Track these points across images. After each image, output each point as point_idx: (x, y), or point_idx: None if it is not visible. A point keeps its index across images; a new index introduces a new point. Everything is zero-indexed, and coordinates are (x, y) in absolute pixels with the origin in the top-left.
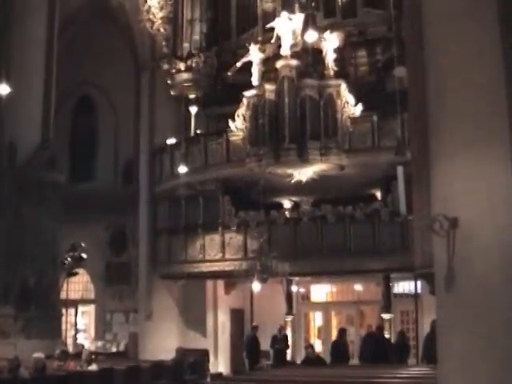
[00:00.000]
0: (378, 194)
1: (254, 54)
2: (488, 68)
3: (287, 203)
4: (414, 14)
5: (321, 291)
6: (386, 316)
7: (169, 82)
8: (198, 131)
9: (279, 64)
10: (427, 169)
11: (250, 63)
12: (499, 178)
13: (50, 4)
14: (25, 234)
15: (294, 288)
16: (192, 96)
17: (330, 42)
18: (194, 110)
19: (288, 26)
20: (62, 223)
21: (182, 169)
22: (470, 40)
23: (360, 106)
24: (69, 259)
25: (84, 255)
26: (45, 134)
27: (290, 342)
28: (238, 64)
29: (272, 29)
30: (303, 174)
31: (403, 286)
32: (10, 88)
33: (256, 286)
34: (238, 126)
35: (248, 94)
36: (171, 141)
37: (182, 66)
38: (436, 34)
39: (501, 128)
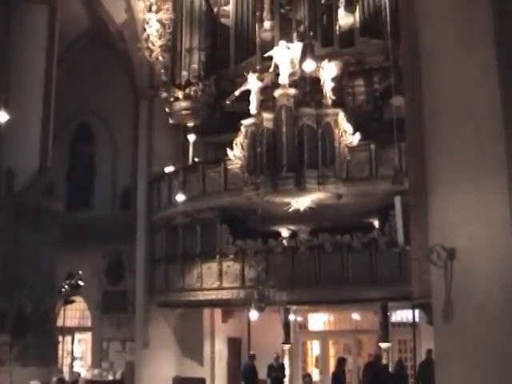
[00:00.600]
0: (376, 223)
1: (252, 83)
2: (485, 98)
3: (285, 232)
4: (412, 43)
5: (318, 320)
6: (383, 345)
7: (167, 110)
8: (196, 159)
9: (277, 93)
10: (425, 198)
11: (248, 92)
12: (497, 208)
13: (49, 32)
14: (22, 261)
15: (291, 317)
16: (190, 124)
17: (328, 71)
18: (192, 138)
19: (286, 55)
20: (59, 251)
21: (180, 197)
22: (467, 70)
23: (358, 135)
24: (66, 287)
25: (81, 283)
26: (43, 161)
27: (287, 371)
28: (236, 93)
29: (270, 58)
30: (301, 202)
31: (401, 315)
32: (8, 115)
33: (253, 315)
34: (235, 154)
35: (246, 122)
36: (169, 169)
37: (180, 94)
38: (433, 63)
39: (499, 158)
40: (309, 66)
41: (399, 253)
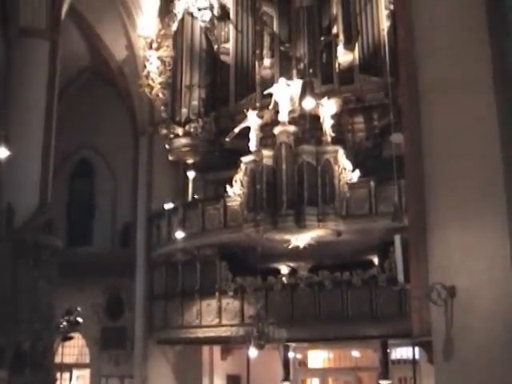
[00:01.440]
0: (376, 260)
1: (252, 120)
2: (484, 137)
3: (284, 269)
4: (411, 81)
5: (318, 357)
6: (384, 383)
7: (167, 146)
8: (196, 196)
9: (277, 130)
10: (424, 236)
11: (247, 129)
12: (497, 246)
13: (50, 67)
14: (20, 297)
15: (290, 354)
16: (190, 161)
17: (328, 109)
18: (191, 175)
19: (286, 93)
20: (58, 287)
21: (180, 234)
22: (466, 109)
23: (357, 172)
24: (64, 323)
25: (80, 319)
26: (43, 197)
27: None
28: (236, 130)
29: (270, 95)
30: (301, 239)
31: (401, 353)
32: (8, 151)
33: (253, 352)
34: (235, 191)
35: (246, 159)
36: (169, 206)
37: (180, 131)
38: (432, 101)
39: (498, 196)
40: (308, 103)
41: (399, 290)
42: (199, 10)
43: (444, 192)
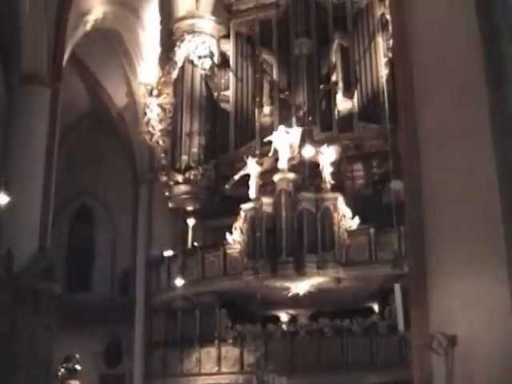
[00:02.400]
0: (376, 307)
1: (252, 168)
2: (483, 185)
3: (284, 316)
4: (410, 129)
5: None
6: None
7: (167, 193)
8: (196, 244)
9: (276, 177)
10: (425, 284)
11: (247, 176)
12: (498, 294)
13: (50, 114)
14: (19, 343)
15: None
16: (190, 208)
17: (327, 156)
18: (191, 222)
19: (285, 140)
20: (56, 333)
21: (179, 281)
22: (465, 155)
23: (357, 219)
24: (63, 370)
25: (78, 367)
26: (42, 242)
27: None
28: (236, 177)
29: (269, 142)
30: (300, 287)
31: None
32: (9, 197)
33: None
34: (235, 238)
35: (245, 206)
36: (168, 253)
37: (180, 178)
38: (431, 149)
39: (498, 245)
40: (308, 152)
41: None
42: (199, 57)
43: (444, 239)
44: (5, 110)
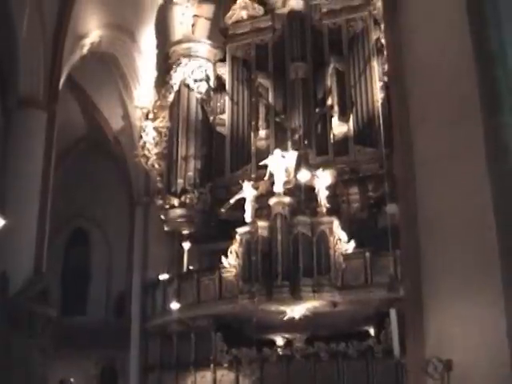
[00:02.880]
0: (372, 331)
1: (248, 191)
2: (478, 209)
3: (280, 340)
4: (405, 153)
5: None
6: None
7: (162, 217)
8: (191, 267)
9: (272, 201)
10: (420, 308)
11: (243, 200)
12: (493, 320)
13: (47, 137)
14: (13, 367)
15: None
16: (185, 232)
17: (323, 180)
18: (186, 245)
19: (281, 164)
20: (52, 356)
21: (174, 305)
22: (461, 179)
23: (353, 243)
24: None
25: None
26: (38, 266)
27: None
28: (232, 201)
29: (265, 166)
30: (296, 310)
31: None
32: (4, 220)
33: None
34: (230, 262)
35: (241, 230)
36: (164, 276)
37: (175, 201)
38: (426, 173)
39: (494, 270)
40: (303, 176)
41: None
42: (195, 81)
43: (439, 263)
44: (1, 133)
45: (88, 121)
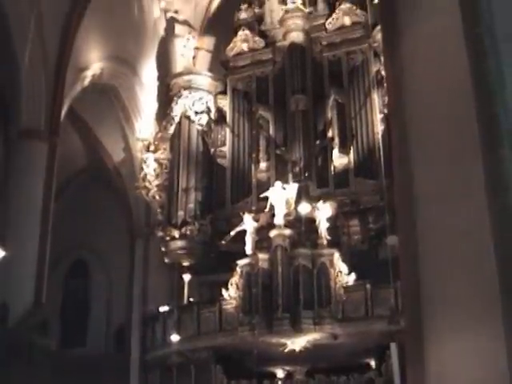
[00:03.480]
0: (373, 363)
1: (248, 223)
2: (480, 242)
3: (280, 372)
4: (405, 184)
5: None
6: None
7: (163, 249)
8: (191, 299)
9: (273, 233)
10: (421, 342)
11: (243, 232)
12: (494, 353)
13: (48, 168)
14: None
15: None
16: (186, 263)
17: (323, 212)
18: (187, 277)
19: (282, 196)
20: None
21: (175, 337)
22: (460, 214)
23: (353, 275)
24: None
25: None
26: (37, 297)
27: None
28: (232, 233)
29: (266, 198)
30: (296, 343)
31: None
32: (5, 251)
33: None
34: (231, 294)
35: (241, 262)
36: (164, 308)
37: (176, 233)
38: (427, 204)
39: (495, 305)
40: (304, 208)
41: None
42: (196, 113)
43: (440, 296)
44: (3, 164)
45: (89, 152)
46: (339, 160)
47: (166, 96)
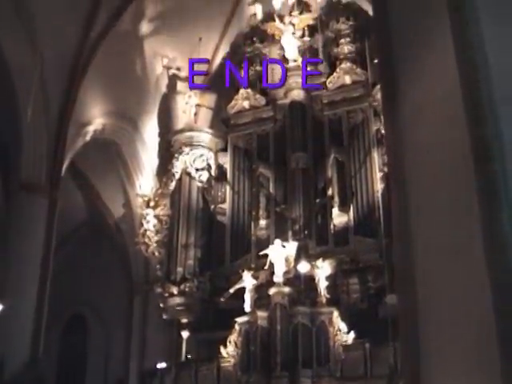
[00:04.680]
0: None
1: (247, 281)
2: (478, 305)
3: None
4: (404, 243)
5: None
6: None
7: (161, 305)
8: (189, 356)
9: (272, 291)
10: None
11: (242, 289)
12: None
13: (47, 223)
14: None
15: None
16: (184, 320)
17: (323, 270)
18: (185, 334)
19: (281, 254)
20: None
21: None
22: (459, 272)
23: (352, 334)
24: None
25: None
26: (34, 351)
27: None
28: (231, 290)
29: (265, 255)
30: None
31: None
32: (2, 305)
33: None
34: (229, 352)
35: (240, 320)
36: (161, 365)
37: (175, 290)
38: (426, 264)
39: (493, 353)
40: (303, 266)
41: None
42: (197, 170)
43: (439, 357)
44: (3, 216)
45: (89, 207)
46: (339, 218)
47: (167, 152)
